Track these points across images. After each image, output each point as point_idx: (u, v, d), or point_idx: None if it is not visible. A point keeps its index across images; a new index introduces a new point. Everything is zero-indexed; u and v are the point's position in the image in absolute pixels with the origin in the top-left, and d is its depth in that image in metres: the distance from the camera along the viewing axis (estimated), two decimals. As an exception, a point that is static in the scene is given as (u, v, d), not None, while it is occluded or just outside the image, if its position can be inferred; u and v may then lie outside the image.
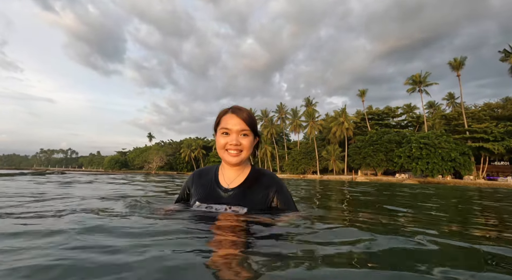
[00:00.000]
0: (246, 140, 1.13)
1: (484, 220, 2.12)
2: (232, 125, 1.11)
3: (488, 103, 43.36)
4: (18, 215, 1.26)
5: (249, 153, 1.16)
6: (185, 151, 66.77)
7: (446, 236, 1.18)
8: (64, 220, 1.12)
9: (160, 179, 11.43)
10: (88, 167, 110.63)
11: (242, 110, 1.16)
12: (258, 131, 1.21)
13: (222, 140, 1.13)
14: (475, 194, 6.87)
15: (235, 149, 1.12)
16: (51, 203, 1.82)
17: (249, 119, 1.13)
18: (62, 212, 1.30)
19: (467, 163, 31.20)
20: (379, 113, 48.74)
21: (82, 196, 2.31)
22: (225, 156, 1.14)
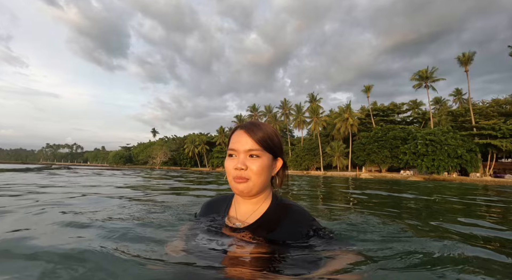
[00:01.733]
0: (255, 162, 0.86)
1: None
2: (238, 144, 0.88)
3: (496, 100, 42.48)
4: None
5: (261, 181, 0.88)
6: (189, 146, 66.98)
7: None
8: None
9: (168, 175, 11.45)
10: (93, 161, 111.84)
11: (257, 126, 0.89)
12: (279, 152, 0.93)
13: (228, 164, 0.90)
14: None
15: (240, 176, 0.87)
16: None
17: (262, 135, 0.87)
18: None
19: (473, 160, 30.76)
20: (384, 109, 48.14)
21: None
22: (232, 184, 0.90)
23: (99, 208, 1.91)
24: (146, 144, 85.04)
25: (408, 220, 2.00)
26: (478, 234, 1.54)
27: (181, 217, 1.47)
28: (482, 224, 1.95)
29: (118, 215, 1.57)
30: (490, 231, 1.70)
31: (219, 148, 63.05)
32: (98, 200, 2.42)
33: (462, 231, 1.59)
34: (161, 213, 1.67)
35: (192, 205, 2.19)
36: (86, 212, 1.69)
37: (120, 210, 1.77)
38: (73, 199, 2.39)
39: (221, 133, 64.37)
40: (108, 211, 1.72)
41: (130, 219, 1.43)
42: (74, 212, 1.66)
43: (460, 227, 1.71)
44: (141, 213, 1.66)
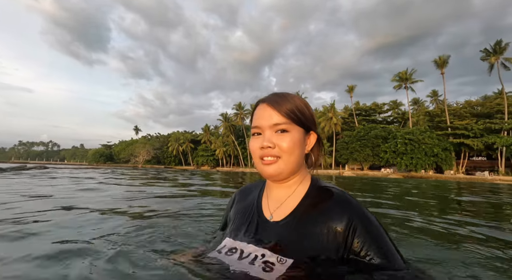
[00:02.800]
0: (285, 138, 0.72)
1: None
2: (262, 120, 0.74)
3: (469, 101, 45.09)
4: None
5: (293, 159, 0.73)
6: (173, 144, 65.74)
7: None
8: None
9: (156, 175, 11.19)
10: (70, 160, 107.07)
11: (282, 97, 0.75)
12: (312, 125, 0.78)
13: (253, 143, 0.76)
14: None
15: (268, 154, 0.72)
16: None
17: (289, 106, 0.73)
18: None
19: (448, 158, 32.57)
20: (366, 109, 49.71)
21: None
22: (259, 166, 0.75)
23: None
24: (128, 142, 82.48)
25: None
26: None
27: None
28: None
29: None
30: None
31: (204, 146, 62.38)
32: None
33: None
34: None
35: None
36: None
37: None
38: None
39: (206, 131, 63.67)
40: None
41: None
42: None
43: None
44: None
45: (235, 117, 56.14)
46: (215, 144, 57.68)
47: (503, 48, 31.96)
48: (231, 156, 58.62)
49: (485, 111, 37.66)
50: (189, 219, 1.84)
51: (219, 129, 61.92)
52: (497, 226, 2.11)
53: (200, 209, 2.33)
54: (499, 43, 32.02)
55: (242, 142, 58.83)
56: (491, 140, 30.97)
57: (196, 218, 1.88)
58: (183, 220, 1.77)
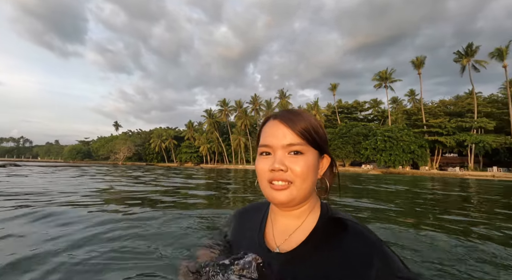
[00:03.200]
0: (299, 161, 0.64)
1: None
2: (274, 139, 0.66)
3: (443, 100, 47.56)
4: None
5: (306, 185, 0.65)
6: (155, 141, 64.14)
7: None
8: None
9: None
10: (44, 157, 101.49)
11: (296, 115, 0.68)
12: (326, 147, 0.70)
13: (261, 164, 0.67)
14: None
15: (280, 178, 0.64)
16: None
17: (304, 126, 0.65)
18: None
19: (424, 154, 34.31)
20: (348, 107, 51.08)
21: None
22: (267, 191, 0.67)
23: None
24: (107, 138, 79.42)
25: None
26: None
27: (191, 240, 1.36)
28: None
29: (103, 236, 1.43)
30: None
31: (188, 143, 61.41)
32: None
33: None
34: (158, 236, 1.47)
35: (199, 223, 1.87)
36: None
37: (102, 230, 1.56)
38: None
39: (190, 127, 62.66)
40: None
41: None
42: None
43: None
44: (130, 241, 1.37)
45: (219, 113, 55.66)
46: (199, 140, 56.95)
47: (474, 51, 33.93)
48: (215, 152, 58.15)
49: (457, 110, 39.93)
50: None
51: (203, 126, 61.15)
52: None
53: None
54: (470, 46, 33.94)
55: (226, 139, 58.50)
56: (462, 137, 32.96)
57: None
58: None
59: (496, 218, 2.69)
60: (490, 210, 3.40)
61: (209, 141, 56.66)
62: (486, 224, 2.33)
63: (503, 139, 31.46)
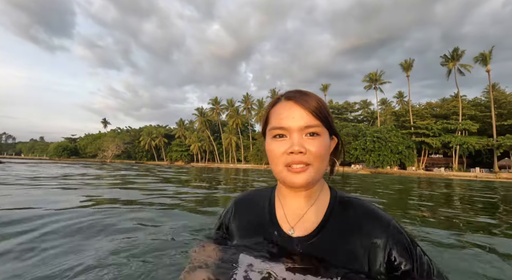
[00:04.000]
0: (316, 142, 0.63)
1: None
2: (290, 120, 0.63)
3: (430, 103, 48.94)
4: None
5: (324, 166, 0.66)
6: (145, 139, 63.19)
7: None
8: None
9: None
10: (28, 154, 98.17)
11: (307, 95, 0.66)
12: (334, 126, 0.69)
13: (276, 147, 0.64)
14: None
15: (299, 161, 0.62)
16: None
17: (318, 106, 0.64)
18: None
19: (411, 155, 35.25)
20: (339, 107, 51.86)
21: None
22: (283, 174, 0.64)
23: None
24: (95, 135, 77.60)
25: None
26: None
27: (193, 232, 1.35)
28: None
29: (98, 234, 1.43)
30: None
31: (178, 141, 60.80)
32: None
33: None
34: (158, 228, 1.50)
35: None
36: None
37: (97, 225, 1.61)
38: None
39: (181, 126, 62.05)
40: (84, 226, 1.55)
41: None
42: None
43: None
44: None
45: (211, 112, 55.40)
46: (190, 139, 56.50)
47: (460, 55, 35.07)
48: (206, 151, 57.84)
49: (443, 113, 41.19)
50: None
51: (194, 124, 60.69)
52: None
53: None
54: (456, 50, 35.06)
55: (217, 137, 58.27)
56: (447, 139, 34.05)
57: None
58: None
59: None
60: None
61: (200, 139, 56.29)
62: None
63: (485, 141, 32.71)
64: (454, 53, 35.21)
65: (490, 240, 1.78)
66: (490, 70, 33.48)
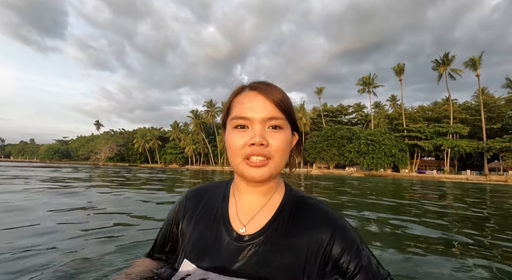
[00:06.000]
0: (279, 136, 0.60)
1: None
2: (253, 110, 0.60)
3: (422, 106, 49.90)
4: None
5: (283, 162, 0.63)
6: (139, 141, 62.52)
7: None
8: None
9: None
10: (18, 156, 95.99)
11: (272, 86, 0.64)
12: (296, 123, 0.67)
13: (237, 138, 0.60)
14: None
15: (259, 153, 0.59)
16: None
17: (282, 99, 0.62)
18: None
19: (404, 158, 35.74)
20: (333, 110, 52.30)
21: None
22: (241, 167, 0.61)
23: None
24: (88, 138, 76.50)
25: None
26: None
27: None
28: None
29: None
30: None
31: (173, 143, 60.35)
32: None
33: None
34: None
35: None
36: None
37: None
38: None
39: (175, 128, 61.65)
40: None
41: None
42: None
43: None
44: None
45: (205, 114, 55.18)
46: (185, 141, 56.15)
47: (450, 60, 35.89)
48: (201, 153, 57.53)
49: (435, 116, 41.98)
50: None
51: (188, 127, 60.39)
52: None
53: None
54: (447, 55, 35.87)
55: (212, 140, 58.05)
56: (439, 142, 34.69)
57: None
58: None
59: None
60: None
61: (194, 141, 55.99)
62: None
63: (475, 144, 33.43)
64: (445, 58, 36.01)
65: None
66: (480, 75, 34.35)
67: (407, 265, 1.36)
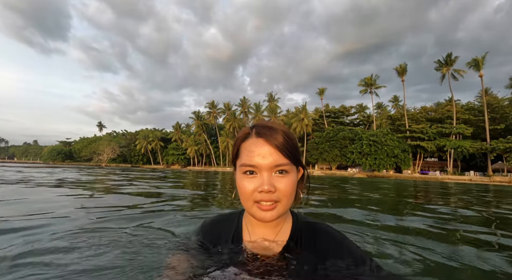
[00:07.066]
0: (285, 181, 0.67)
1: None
2: (260, 159, 0.66)
3: (424, 107, 49.62)
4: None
5: (291, 201, 0.70)
6: (141, 142, 62.76)
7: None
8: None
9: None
10: (22, 158, 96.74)
11: (273, 129, 0.69)
12: (301, 160, 0.73)
13: (247, 184, 0.67)
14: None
15: (268, 199, 0.66)
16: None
17: (286, 143, 0.67)
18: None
19: (406, 159, 35.56)
20: (335, 111, 52.18)
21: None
22: (253, 210, 0.68)
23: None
24: (90, 139, 76.92)
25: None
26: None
27: (164, 242, 1.09)
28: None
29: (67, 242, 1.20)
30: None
31: (175, 144, 60.52)
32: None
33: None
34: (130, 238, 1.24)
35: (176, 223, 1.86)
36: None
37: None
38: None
39: (177, 129, 61.83)
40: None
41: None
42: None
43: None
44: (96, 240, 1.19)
45: (208, 115, 55.30)
46: (187, 142, 56.26)
47: (453, 61, 35.71)
48: (203, 155, 57.63)
49: (438, 117, 41.76)
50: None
51: (191, 128, 60.56)
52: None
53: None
54: (449, 56, 35.70)
55: (214, 141, 58.15)
56: (442, 142, 34.48)
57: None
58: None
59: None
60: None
61: (197, 143, 56.10)
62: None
63: (479, 145, 33.18)
64: (447, 58, 35.85)
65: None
66: (483, 76, 34.14)
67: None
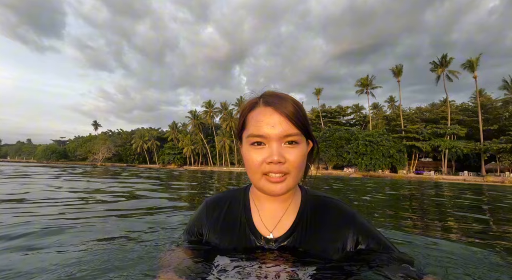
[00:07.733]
0: (295, 151, 0.62)
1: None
2: (269, 128, 0.61)
3: (420, 107, 50.18)
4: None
5: (301, 174, 0.66)
6: (137, 141, 62.36)
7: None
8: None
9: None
10: (15, 157, 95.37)
11: (284, 99, 0.64)
12: (311, 132, 0.69)
13: (255, 156, 0.62)
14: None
15: (278, 171, 0.61)
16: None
17: (296, 113, 0.63)
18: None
19: (402, 159, 35.88)
20: (331, 111, 52.43)
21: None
22: (261, 183, 0.64)
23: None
24: (85, 138, 76.12)
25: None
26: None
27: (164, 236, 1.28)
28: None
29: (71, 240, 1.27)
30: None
31: (171, 144, 60.23)
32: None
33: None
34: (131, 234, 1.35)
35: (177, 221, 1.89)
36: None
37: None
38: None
39: (174, 128, 61.52)
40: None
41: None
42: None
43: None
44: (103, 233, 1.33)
45: (204, 115, 55.14)
46: (183, 141, 56.04)
47: (448, 62, 36.12)
48: (199, 154, 57.46)
49: (433, 117, 42.20)
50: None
51: (187, 127, 60.28)
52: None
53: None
54: (445, 57, 36.10)
55: (211, 140, 57.99)
56: (437, 143, 34.86)
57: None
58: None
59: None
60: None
61: (193, 142, 55.91)
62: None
63: (473, 145, 33.63)
64: (443, 59, 36.24)
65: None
66: (477, 77, 34.59)
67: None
